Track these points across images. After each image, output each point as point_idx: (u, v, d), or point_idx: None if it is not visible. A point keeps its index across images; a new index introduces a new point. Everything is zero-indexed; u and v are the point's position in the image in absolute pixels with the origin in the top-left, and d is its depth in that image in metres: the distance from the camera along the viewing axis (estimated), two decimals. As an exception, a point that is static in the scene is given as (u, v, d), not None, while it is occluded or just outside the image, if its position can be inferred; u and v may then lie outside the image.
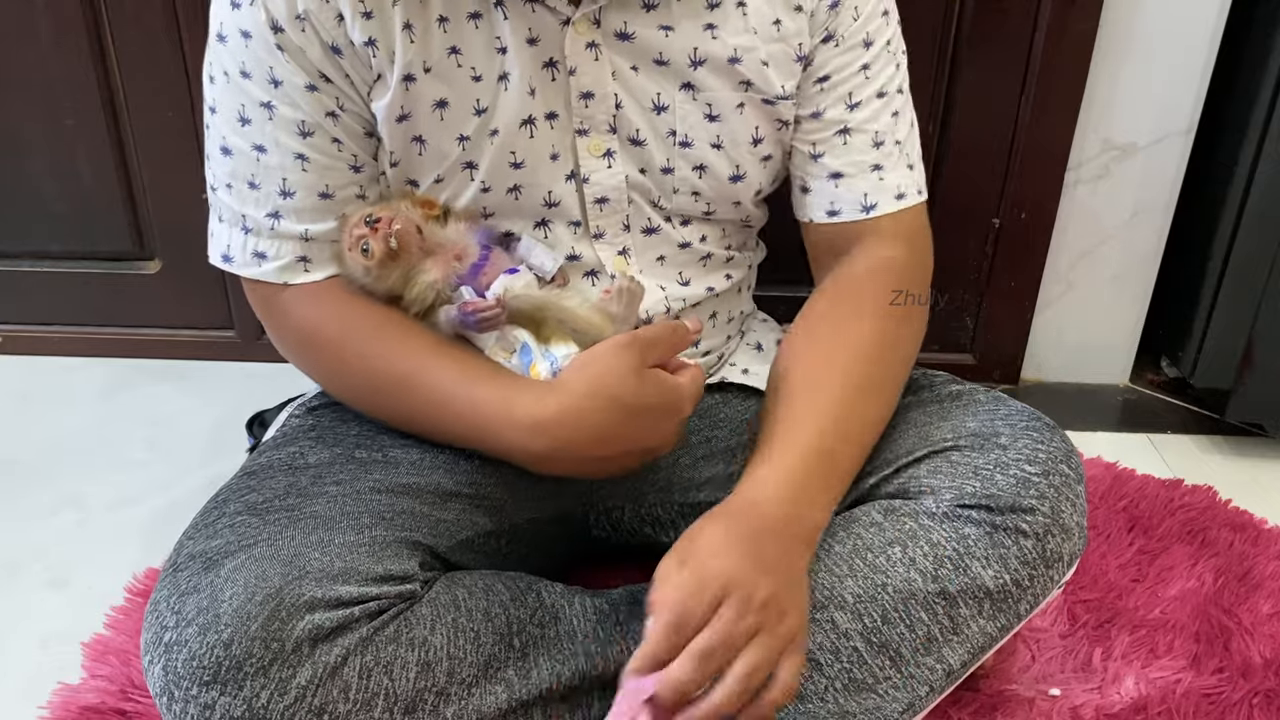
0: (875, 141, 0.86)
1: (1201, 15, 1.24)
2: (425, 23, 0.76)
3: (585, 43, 0.78)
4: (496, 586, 0.78)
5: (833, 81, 0.84)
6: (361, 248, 0.78)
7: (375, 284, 0.80)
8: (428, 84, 0.78)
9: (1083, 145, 1.31)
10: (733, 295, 0.94)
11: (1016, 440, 0.80)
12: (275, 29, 0.75)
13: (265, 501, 0.77)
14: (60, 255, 1.44)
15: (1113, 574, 1.08)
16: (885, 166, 0.86)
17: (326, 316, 0.82)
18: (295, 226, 0.81)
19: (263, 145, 0.79)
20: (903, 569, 0.75)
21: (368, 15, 0.75)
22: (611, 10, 0.78)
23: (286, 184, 0.80)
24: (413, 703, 0.70)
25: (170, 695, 0.66)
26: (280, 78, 0.77)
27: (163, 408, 1.37)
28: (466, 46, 0.77)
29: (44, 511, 1.17)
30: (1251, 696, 0.94)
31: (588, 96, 0.80)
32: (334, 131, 0.79)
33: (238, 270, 0.83)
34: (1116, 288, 1.41)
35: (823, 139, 0.86)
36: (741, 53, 0.81)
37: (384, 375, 0.80)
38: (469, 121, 0.79)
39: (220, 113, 0.80)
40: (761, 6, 0.81)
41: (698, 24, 0.79)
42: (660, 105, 0.81)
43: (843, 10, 0.82)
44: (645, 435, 0.76)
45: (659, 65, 0.80)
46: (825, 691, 0.73)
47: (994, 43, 1.26)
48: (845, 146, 0.86)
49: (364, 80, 0.78)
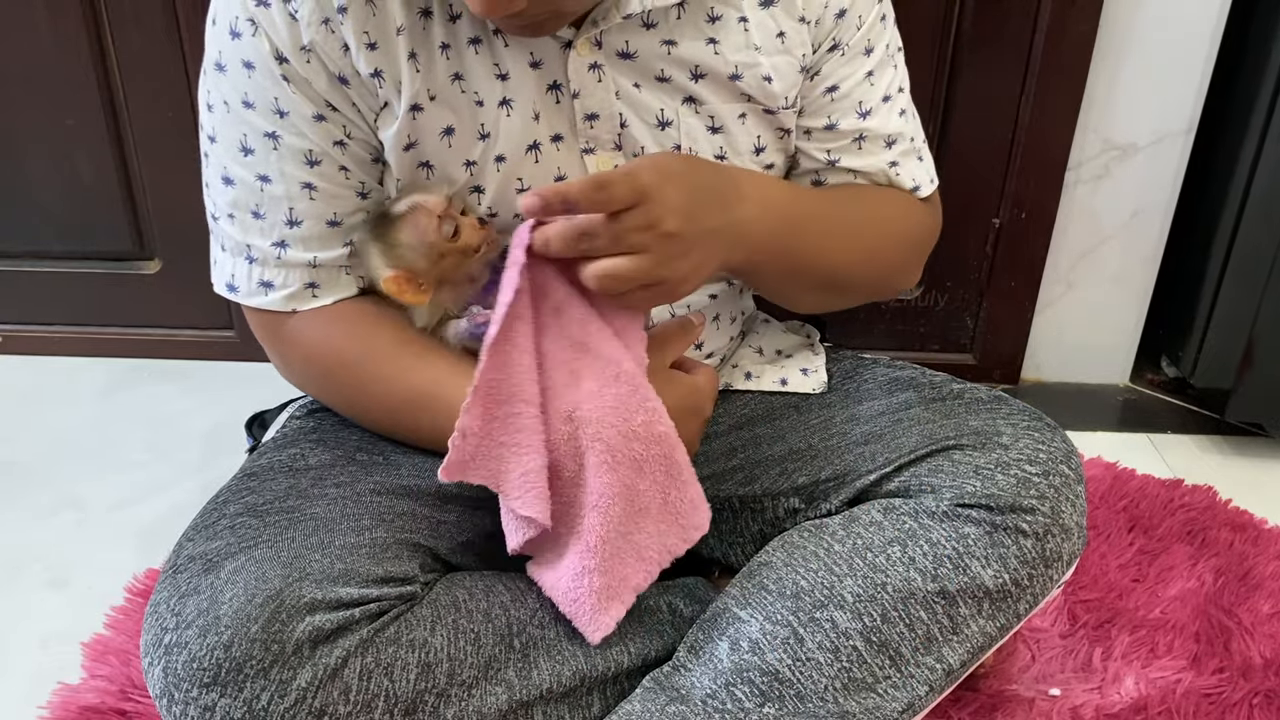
0: (888, 143, 0.87)
1: (1201, 15, 1.24)
2: (429, 51, 0.76)
3: (588, 64, 0.77)
4: (497, 588, 0.78)
5: (842, 92, 0.84)
6: (453, 226, 0.76)
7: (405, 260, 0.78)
8: (434, 112, 0.77)
9: (1083, 145, 1.31)
10: (734, 297, 0.94)
11: (1018, 440, 0.80)
12: (280, 60, 0.75)
13: (265, 503, 0.77)
14: (60, 255, 1.44)
15: (1113, 574, 1.08)
16: (900, 163, 0.88)
17: (344, 339, 0.81)
18: (303, 254, 0.80)
19: (267, 175, 0.78)
20: (902, 568, 0.75)
21: (372, 46, 0.74)
22: (613, 30, 0.77)
23: (294, 213, 0.79)
24: (413, 704, 0.70)
25: (170, 697, 0.66)
26: (286, 108, 0.76)
27: (163, 408, 1.37)
28: (469, 72, 0.77)
29: (44, 511, 1.17)
30: (1251, 696, 0.94)
31: (592, 118, 0.79)
32: (341, 160, 0.79)
33: (243, 300, 0.83)
34: (1116, 288, 1.41)
35: (838, 147, 0.87)
36: (743, 69, 0.80)
37: (403, 394, 0.80)
38: (474, 146, 0.79)
39: (220, 142, 0.79)
40: (765, 20, 0.80)
41: (699, 38, 0.79)
42: (664, 120, 0.81)
43: (848, 19, 0.82)
44: None
45: (661, 81, 0.80)
46: (825, 691, 0.73)
47: (994, 43, 1.26)
48: (861, 151, 0.87)
49: (371, 108, 0.77)
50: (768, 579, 0.77)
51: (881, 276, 0.92)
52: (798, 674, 0.73)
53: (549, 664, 0.76)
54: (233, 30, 0.75)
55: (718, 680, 0.74)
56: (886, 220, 0.89)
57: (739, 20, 0.79)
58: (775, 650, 0.74)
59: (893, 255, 0.91)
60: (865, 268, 0.88)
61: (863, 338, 1.43)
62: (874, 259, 0.89)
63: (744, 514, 0.89)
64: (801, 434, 0.89)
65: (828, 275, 0.85)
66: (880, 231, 0.88)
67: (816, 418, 0.90)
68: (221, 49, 0.76)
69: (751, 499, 0.88)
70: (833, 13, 0.81)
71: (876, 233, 0.88)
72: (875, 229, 0.88)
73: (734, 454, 0.90)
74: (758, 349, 0.96)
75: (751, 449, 0.90)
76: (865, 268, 0.88)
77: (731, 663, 0.74)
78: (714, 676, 0.74)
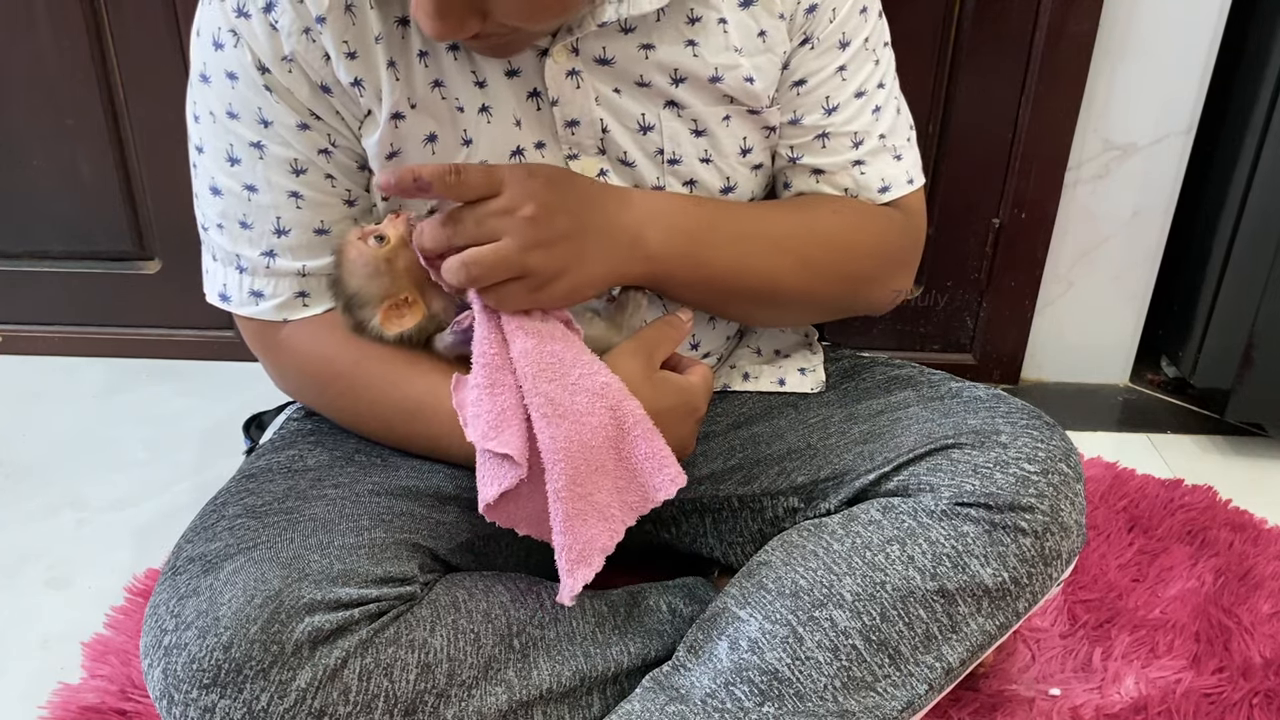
0: (855, 141, 0.85)
1: (1201, 15, 1.24)
2: (408, 59, 0.75)
3: (565, 71, 0.77)
4: (496, 588, 0.78)
5: (809, 86, 0.82)
6: (375, 236, 0.75)
7: (372, 293, 0.77)
8: (415, 120, 0.77)
9: (1083, 145, 1.31)
10: (730, 297, 0.93)
11: (1017, 439, 0.80)
12: (262, 70, 0.74)
13: (264, 504, 0.77)
14: (60, 255, 1.44)
15: (1113, 574, 1.08)
16: (866, 162, 0.86)
17: (336, 348, 0.81)
18: (291, 263, 0.80)
19: (254, 185, 0.78)
20: (901, 567, 0.75)
21: (352, 55, 0.74)
22: (589, 37, 0.76)
23: (281, 222, 0.79)
24: (413, 704, 0.70)
25: (170, 698, 0.66)
26: (270, 118, 0.76)
27: (162, 408, 1.37)
28: (448, 79, 0.76)
29: (44, 511, 1.17)
30: (1251, 696, 0.94)
31: (573, 124, 0.79)
32: (327, 168, 0.79)
33: (235, 309, 0.83)
34: (1116, 288, 1.41)
35: (801, 143, 0.85)
36: (723, 71, 0.79)
37: (397, 404, 0.80)
38: (458, 153, 0.79)
39: (208, 153, 0.79)
40: (744, 20, 0.79)
41: (678, 41, 0.78)
42: (645, 125, 0.80)
43: (819, 12, 0.80)
44: (667, 439, 0.76)
45: (641, 86, 0.79)
46: (824, 689, 0.73)
47: (994, 43, 1.26)
48: (824, 149, 0.85)
49: (355, 117, 0.77)
50: (767, 578, 0.77)
51: (842, 292, 0.87)
52: (797, 673, 0.73)
53: (549, 664, 0.76)
54: (215, 41, 0.75)
55: (717, 680, 0.74)
56: (837, 232, 0.85)
57: (718, 22, 0.78)
58: (775, 649, 0.74)
59: (852, 268, 0.86)
60: (813, 285, 0.84)
61: (862, 337, 1.43)
62: (822, 274, 0.84)
63: (743, 514, 0.89)
64: (800, 433, 0.89)
65: (756, 288, 0.82)
66: (830, 246, 0.84)
67: (815, 417, 0.90)
68: (205, 60, 0.76)
69: (750, 498, 0.88)
70: (803, 7, 0.80)
71: (823, 247, 0.84)
72: (821, 243, 0.84)
73: (733, 454, 0.90)
74: (756, 349, 0.96)
75: (750, 449, 0.90)
76: (813, 285, 0.84)
77: (731, 662, 0.74)
78: (713, 676, 0.74)
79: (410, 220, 0.76)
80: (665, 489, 0.73)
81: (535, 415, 0.70)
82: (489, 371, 0.71)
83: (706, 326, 0.91)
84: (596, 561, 0.72)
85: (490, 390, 0.71)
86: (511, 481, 0.70)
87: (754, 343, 0.96)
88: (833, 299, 0.88)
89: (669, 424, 0.75)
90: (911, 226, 0.89)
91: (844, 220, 0.85)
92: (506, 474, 0.70)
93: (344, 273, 0.77)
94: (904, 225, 0.89)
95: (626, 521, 0.74)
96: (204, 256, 0.84)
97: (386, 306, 0.76)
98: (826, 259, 0.84)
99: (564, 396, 0.70)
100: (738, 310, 0.87)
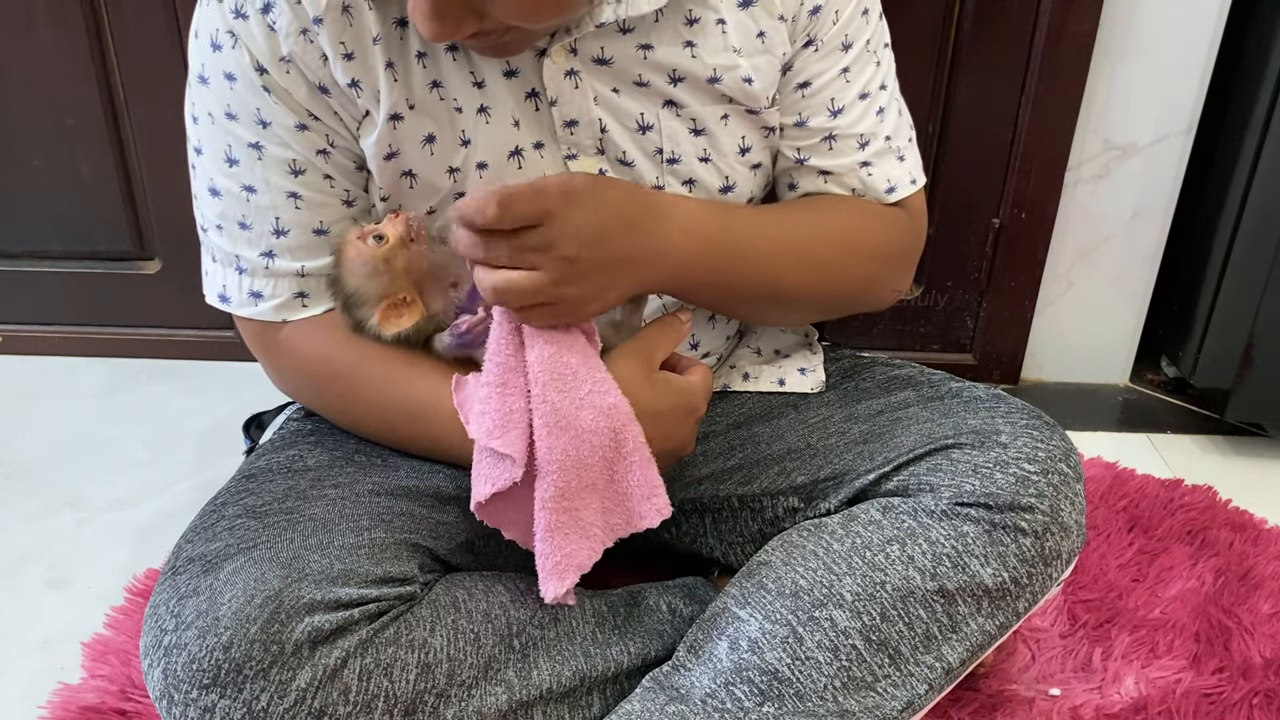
0: (861, 143, 0.85)
1: (1201, 15, 1.24)
2: (406, 60, 0.75)
3: (564, 71, 0.77)
4: (496, 588, 0.78)
5: (814, 88, 0.83)
6: (374, 235, 0.76)
7: (370, 293, 0.77)
8: (414, 120, 0.77)
9: (1083, 145, 1.31)
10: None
11: (1017, 439, 0.80)
12: (260, 70, 0.74)
13: (264, 504, 0.77)
14: (60, 255, 1.44)
15: (1113, 574, 1.08)
16: (873, 163, 0.86)
17: (335, 349, 0.81)
18: (290, 264, 0.80)
19: (252, 186, 0.78)
20: (901, 567, 0.75)
21: (349, 56, 0.74)
22: (587, 37, 0.76)
23: (280, 223, 0.79)
24: (413, 704, 0.70)
25: (170, 699, 0.66)
26: (268, 119, 0.76)
27: (162, 408, 1.37)
28: (446, 80, 0.76)
29: (44, 511, 1.17)
30: (1251, 696, 0.94)
31: (572, 124, 0.78)
32: (325, 169, 0.79)
33: (235, 310, 0.83)
34: (1116, 288, 1.41)
35: (808, 145, 0.85)
36: (721, 72, 0.79)
37: (398, 405, 0.79)
38: (457, 153, 0.78)
39: (206, 154, 0.79)
40: (744, 20, 0.79)
41: (676, 42, 0.78)
42: (644, 125, 0.80)
43: (822, 14, 0.80)
44: (666, 440, 0.76)
45: (639, 86, 0.79)
46: (824, 689, 0.73)
47: (994, 43, 1.26)
48: (831, 151, 0.85)
49: (353, 117, 0.77)
50: (767, 578, 0.77)
51: (846, 291, 0.88)
52: (797, 673, 0.73)
53: (549, 664, 0.76)
54: (213, 43, 0.75)
55: (717, 680, 0.74)
56: (842, 233, 0.85)
57: (717, 22, 0.78)
58: (775, 649, 0.74)
59: (857, 269, 0.87)
60: (818, 285, 0.85)
61: (862, 337, 1.43)
62: (828, 275, 0.85)
63: (743, 514, 0.89)
64: (800, 433, 0.89)
65: (766, 290, 0.83)
66: (836, 246, 0.85)
67: (815, 417, 0.90)
68: (204, 62, 0.76)
69: (750, 498, 0.88)
70: (807, 9, 0.80)
71: (830, 247, 0.84)
72: (828, 244, 0.84)
73: (732, 453, 0.90)
74: (755, 349, 0.96)
75: (750, 448, 0.90)
76: (818, 285, 0.85)
77: (731, 662, 0.74)
78: (713, 676, 0.74)
79: (410, 220, 0.76)
80: (650, 518, 0.73)
81: (538, 422, 0.70)
82: (502, 371, 0.71)
83: (706, 326, 0.91)
84: (570, 578, 0.72)
85: (501, 389, 0.71)
86: (506, 482, 0.70)
87: (754, 343, 0.96)
88: (838, 298, 0.89)
89: (669, 424, 0.75)
90: (914, 226, 0.90)
91: (851, 221, 0.86)
92: (502, 474, 0.70)
93: (343, 272, 0.77)
94: (907, 225, 0.89)
95: (606, 542, 0.74)
96: (203, 257, 0.84)
97: (385, 306, 0.76)
98: (835, 260, 0.85)
99: (570, 409, 0.70)
100: (745, 310, 0.87)
